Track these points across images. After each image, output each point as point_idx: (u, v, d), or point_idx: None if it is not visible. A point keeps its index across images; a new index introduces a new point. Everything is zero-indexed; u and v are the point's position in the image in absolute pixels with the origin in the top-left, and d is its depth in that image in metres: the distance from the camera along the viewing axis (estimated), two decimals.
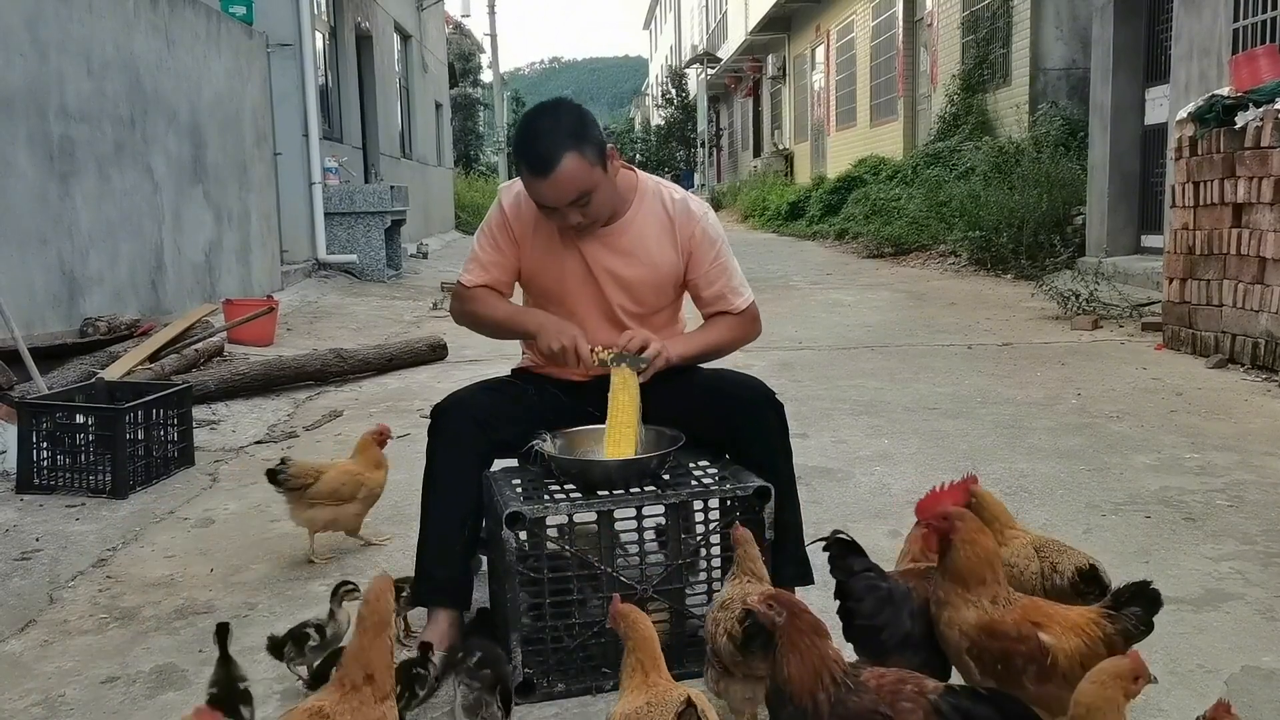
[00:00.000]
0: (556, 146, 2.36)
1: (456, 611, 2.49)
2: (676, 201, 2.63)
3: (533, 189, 2.44)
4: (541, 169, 2.38)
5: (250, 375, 5.54)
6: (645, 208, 2.60)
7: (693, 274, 2.64)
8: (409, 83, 17.97)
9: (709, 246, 2.62)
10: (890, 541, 3.21)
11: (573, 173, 2.38)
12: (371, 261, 11.22)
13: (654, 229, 2.60)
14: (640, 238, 2.59)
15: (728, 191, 29.56)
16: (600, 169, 2.43)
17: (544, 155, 2.37)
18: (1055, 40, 12.46)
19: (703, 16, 41.74)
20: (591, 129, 2.44)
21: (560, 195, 2.41)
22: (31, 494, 3.82)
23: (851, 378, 5.79)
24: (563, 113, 2.45)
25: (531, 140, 2.40)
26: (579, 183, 2.39)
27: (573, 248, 2.58)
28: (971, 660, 1.88)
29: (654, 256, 2.59)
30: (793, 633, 1.67)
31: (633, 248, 2.58)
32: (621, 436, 2.40)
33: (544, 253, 2.61)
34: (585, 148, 2.39)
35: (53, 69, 5.94)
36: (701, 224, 2.62)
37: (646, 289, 2.62)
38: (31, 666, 2.52)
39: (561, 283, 2.61)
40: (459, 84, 32.91)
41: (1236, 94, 5.92)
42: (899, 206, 13.79)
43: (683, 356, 2.58)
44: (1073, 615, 1.86)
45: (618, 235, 2.57)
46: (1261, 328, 5.51)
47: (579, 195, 2.41)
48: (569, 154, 2.36)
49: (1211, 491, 3.58)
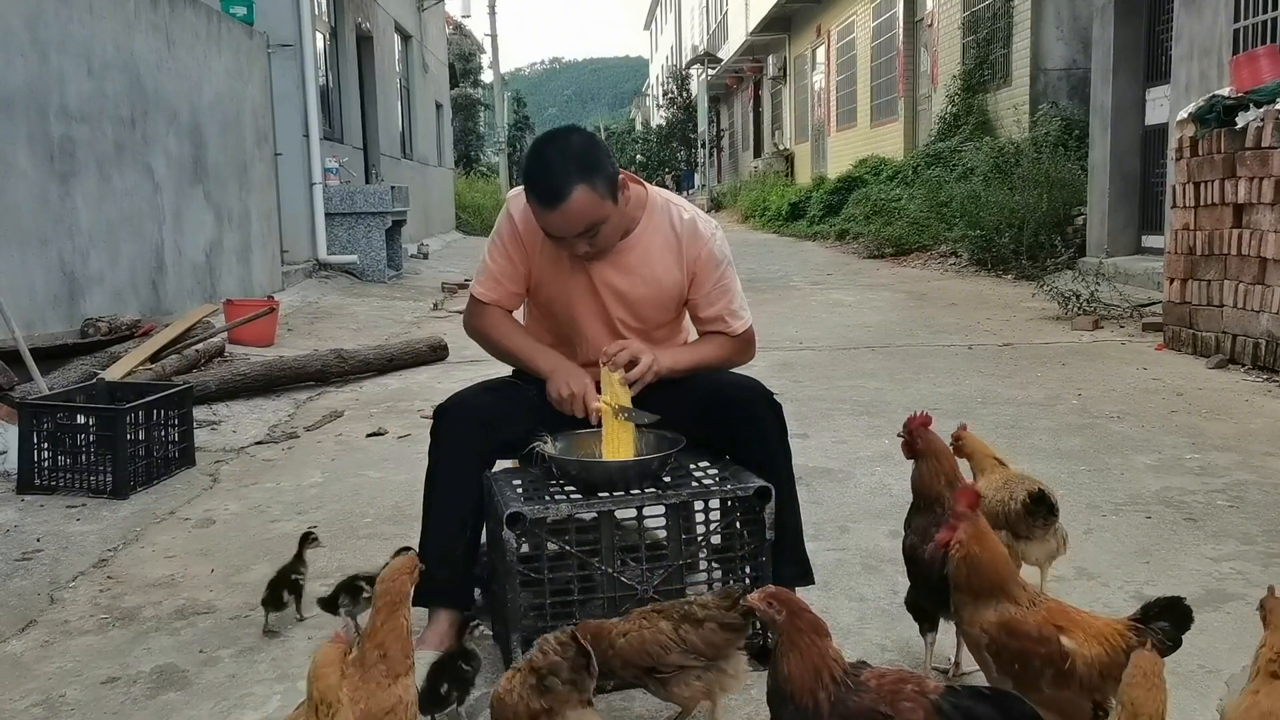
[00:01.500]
0: (566, 179, 2.34)
1: (457, 612, 2.48)
2: (685, 221, 2.60)
3: (540, 219, 2.43)
4: (550, 201, 2.36)
5: (251, 376, 5.54)
6: (653, 225, 2.58)
7: (694, 294, 2.63)
8: (409, 83, 17.97)
9: (714, 268, 2.61)
10: (891, 542, 3.22)
11: (581, 206, 2.35)
12: (372, 262, 11.22)
13: (660, 248, 2.58)
14: (645, 257, 2.57)
15: (728, 192, 29.54)
16: (610, 201, 2.41)
17: (553, 187, 2.34)
18: (1056, 40, 12.46)
19: (703, 17, 41.75)
20: (603, 160, 2.40)
21: (568, 227, 2.39)
22: (32, 494, 3.82)
23: (852, 378, 5.79)
24: (573, 143, 2.41)
25: (541, 171, 2.38)
26: (588, 216, 2.37)
27: (579, 263, 2.57)
28: (990, 657, 1.88)
29: (658, 275, 2.58)
30: (793, 632, 1.67)
31: (638, 266, 2.57)
32: (619, 441, 2.41)
33: (551, 264, 2.60)
34: (596, 179, 2.36)
35: (53, 69, 5.94)
36: (709, 245, 2.60)
37: (649, 306, 2.62)
38: (32, 667, 2.52)
39: (566, 295, 2.61)
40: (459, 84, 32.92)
41: (1237, 94, 5.92)
42: (899, 207, 13.78)
43: (672, 370, 2.57)
44: (1099, 624, 1.86)
45: (624, 253, 2.56)
46: (1262, 328, 5.51)
47: (588, 227, 2.40)
48: (579, 186, 2.33)
49: (1212, 492, 3.58)
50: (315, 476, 4.15)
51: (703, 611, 2.00)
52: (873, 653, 2.43)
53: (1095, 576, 2.87)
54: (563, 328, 2.67)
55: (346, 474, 4.19)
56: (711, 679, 2.01)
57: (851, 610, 2.70)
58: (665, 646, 1.99)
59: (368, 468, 4.27)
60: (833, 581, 2.86)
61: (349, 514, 3.65)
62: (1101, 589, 2.78)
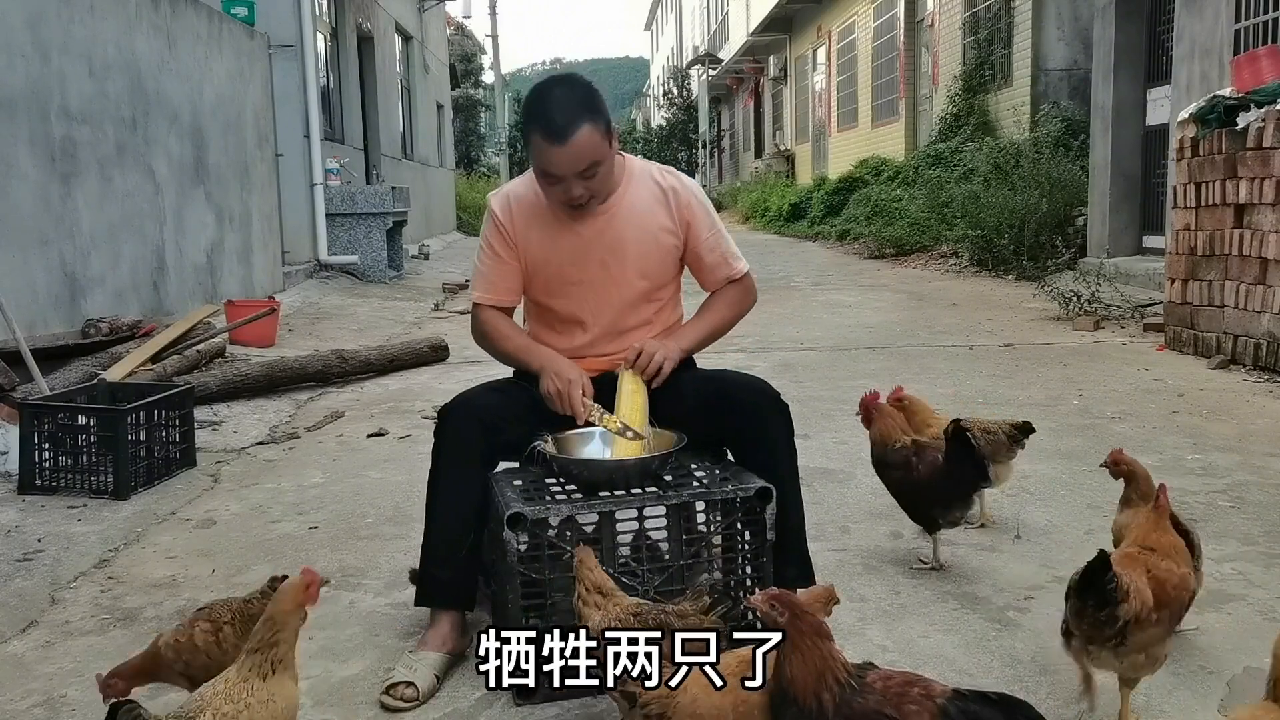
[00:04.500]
0: (574, 115, 2.40)
1: (459, 613, 2.49)
2: (668, 175, 2.69)
3: (545, 156, 2.45)
4: (558, 136, 2.40)
5: (252, 376, 5.54)
6: (635, 183, 2.65)
7: (693, 241, 2.67)
8: (410, 84, 17.97)
9: (704, 213, 2.68)
10: (891, 543, 3.22)
11: (586, 143, 2.41)
12: (373, 262, 11.22)
13: (647, 200, 2.64)
14: (634, 209, 2.61)
15: (729, 192, 29.55)
16: (608, 143, 2.48)
17: (562, 123, 2.40)
18: (1057, 41, 12.46)
19: (704, 17, 41.73)
20: (601, 104, 2.49)
21: (573, 164, 2.43)
22: (33, 495, 3.82)
23: (853, 378, 5.78)
24: (577, 84, 2.50)
25: (549, 107, 2.43)
26: (591, 154, 2.43)
27: (570, 232, 2.59)
28: None
29: (649, 223, 2.62)
30: (796, 634, 1.67)
31: (628, 218, 2.61)
32: (627, 451, 2.41)
33: (542, 245, 2.63)
34: (599, 120, 2.44)
35: (54, 70, 5.94)
36: (694, 193, 2.68)
37: (649, 259, 2.63)
38: (33, 667, 2.52)
39: (564, 270, 2.63)
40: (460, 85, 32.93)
41: (1238, 95, 5.92)
42: (900, 207, 13.79)
43: (687, 349, 2.63)
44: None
45: (612, 210, 2.60)
46: (1263, 328, 5.51)
47: (590, 165, 2.44)
48: (585, 124, 2.40)
49: (1213, 492, 3.58)
50: (316, 477, 4.15)
51: (680, 621, 1.96)
52: (874, 653, 2.42)
53: None
54: (565, 308, 2.68)
55: (347, 474, 4.19)
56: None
57: (852, 611, 2.69)
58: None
59: (369, 468, 4.27)
60: (833, 582, 2.84)
61: (350, 515, 3.65)
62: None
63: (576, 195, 2.49)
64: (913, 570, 2.97)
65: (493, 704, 2.28)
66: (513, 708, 2.25)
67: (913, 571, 2.96)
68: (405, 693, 2.26)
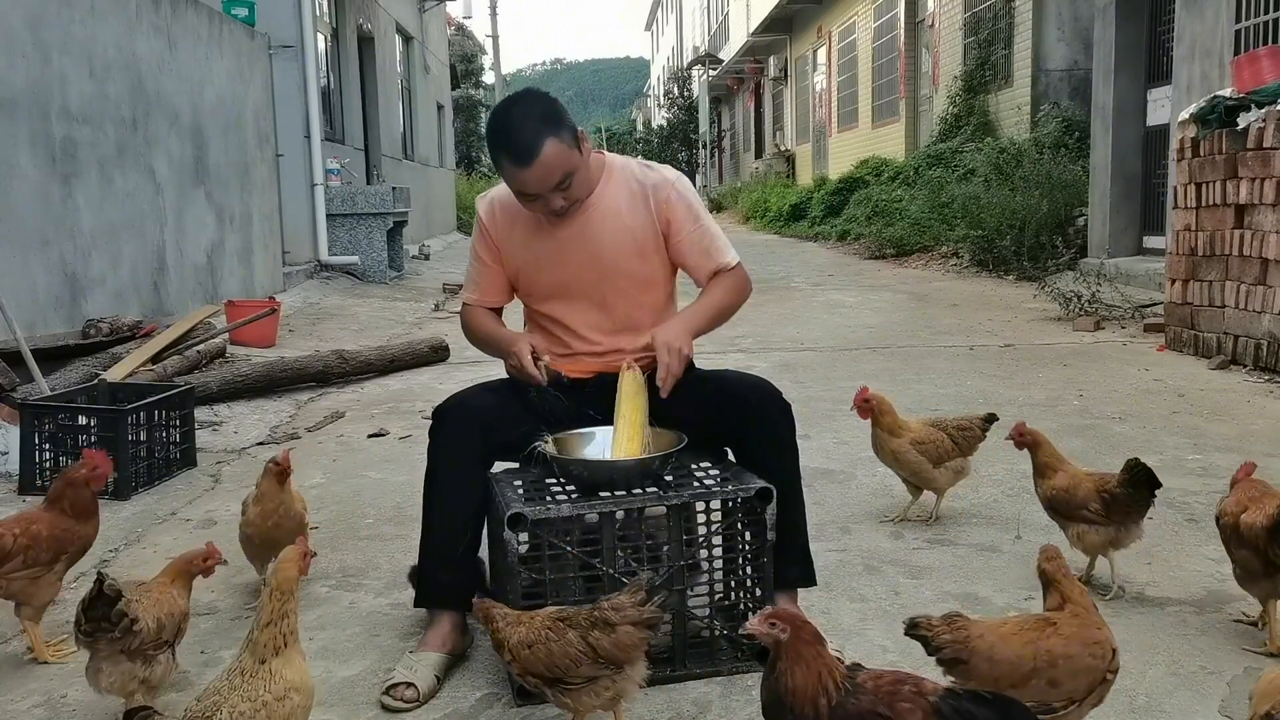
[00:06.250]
0: (536, 134, 2.40)
1: (460, 614, 2.49)
2: (649, 171, 2.66)
3: (516, 178, 2.45)
4: (524, 158, 2.40)
5: (252, 376, 5.54)
6: (614, 181, 2.63)
7: (676, 237, 2.63)
8: (411, 84, 17.97)
9: (685, 208, 2.63)
10: (891, 543, 3.22)
11: (554, 157, 2.41)
12: (373, 263, 11.23)
13: (624, 198, 2.61)
14: (609, 209, 2.60)
15: (729, 192, 29.56)
16: (576, 151, 2.47)
17: (525, 144, 2.39)
18: (1057, 41, 12.46)
19: (704, 18, 41.75)
20: (563, 114, 2.48)
21: (545, 181, 2.43)
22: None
23: (853, 379, 5.77)
24: (535, 101, 2.49)
25: (510, 130, 2.43)
26: (561, 166, 2.43)
27: (547, 237, 2.59)
28: None
29: (625, 220, 2.60)
30: (798, 645, 1.66)
31: (604, 218, 2.59)
32: (630, 438, 2.41)
33: (523, 249, 2.64)
34: (562, 131, 2.43)
35: (55, 70, 5.94)
36: (676, 187, 2.63)
37: (626, 254, 2.61)
38: (34, 667, 2.52)
39: (545, 272, 2.63)
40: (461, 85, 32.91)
41: (1238, 95, 5.92)
42: (901, 208, 13.78)
43: (696, 330, 2.58)
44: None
45: (588, 212, 2.58)
46: (1264, 329, 5.51)
47: (563, 177, 2.44)
48: (549, 140, 2.40)
49: (1214, 493, 3.57)
50: (316, 477, 4.15)
51: (616, 615, 1.95)
52: (874, 653, 2.43)
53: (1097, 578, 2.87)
54: (552, 310, 2.68)
55: (348, 475, 4.19)
56: (621, 687, 1.97)
57: (853, 611, 2.70)
58: (575, 660, 1.93)
59: (369, 469, 4.27)
60: (834, 582, 2.86)
61: (350, 515, 3.65)
62: (1103, 590, 2.78)
63: (557, 207, 2.50)
64: (913, 568, 2.97)
65: (493, 704, 2.28)
66: (513, 708, 2.25)
67: (913, 571, 2.97)
68: (406, 693, 2.26)
